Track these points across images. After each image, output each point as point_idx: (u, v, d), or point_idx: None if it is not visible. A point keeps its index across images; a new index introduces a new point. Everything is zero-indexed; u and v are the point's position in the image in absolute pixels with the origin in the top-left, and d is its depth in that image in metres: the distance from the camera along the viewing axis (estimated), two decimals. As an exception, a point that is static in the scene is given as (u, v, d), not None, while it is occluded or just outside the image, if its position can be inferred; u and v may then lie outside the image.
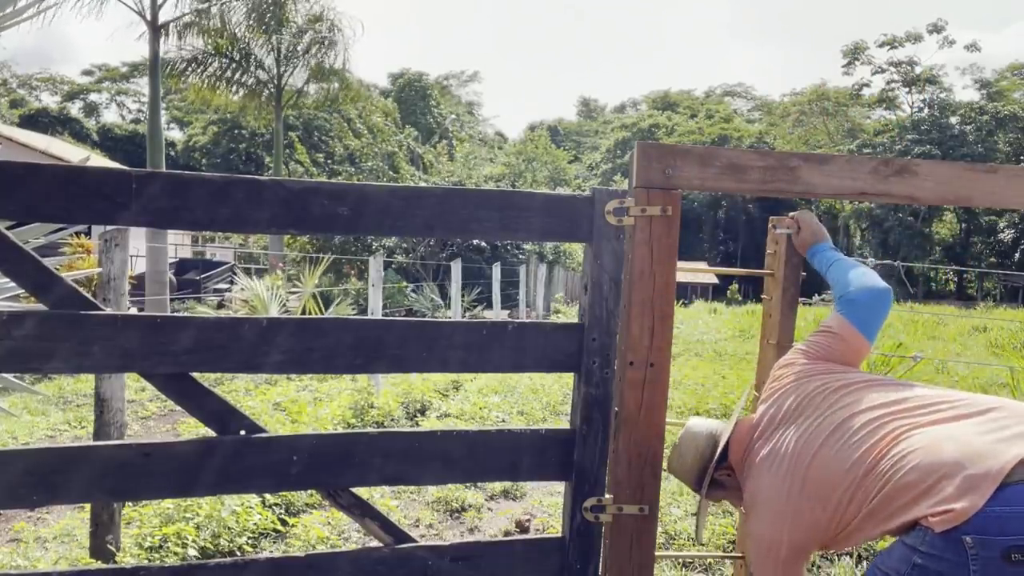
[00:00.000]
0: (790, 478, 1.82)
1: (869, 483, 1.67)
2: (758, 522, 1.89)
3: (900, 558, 1.59)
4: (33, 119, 38.91)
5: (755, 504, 1.91)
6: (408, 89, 40.54)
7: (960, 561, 1.46)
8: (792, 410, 1.93)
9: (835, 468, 1.74)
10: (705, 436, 2.11)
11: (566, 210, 2.14)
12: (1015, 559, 1.42)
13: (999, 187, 2.27)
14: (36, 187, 1.80)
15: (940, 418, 1.68)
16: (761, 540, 1.88)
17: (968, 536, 1.45)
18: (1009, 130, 37.75)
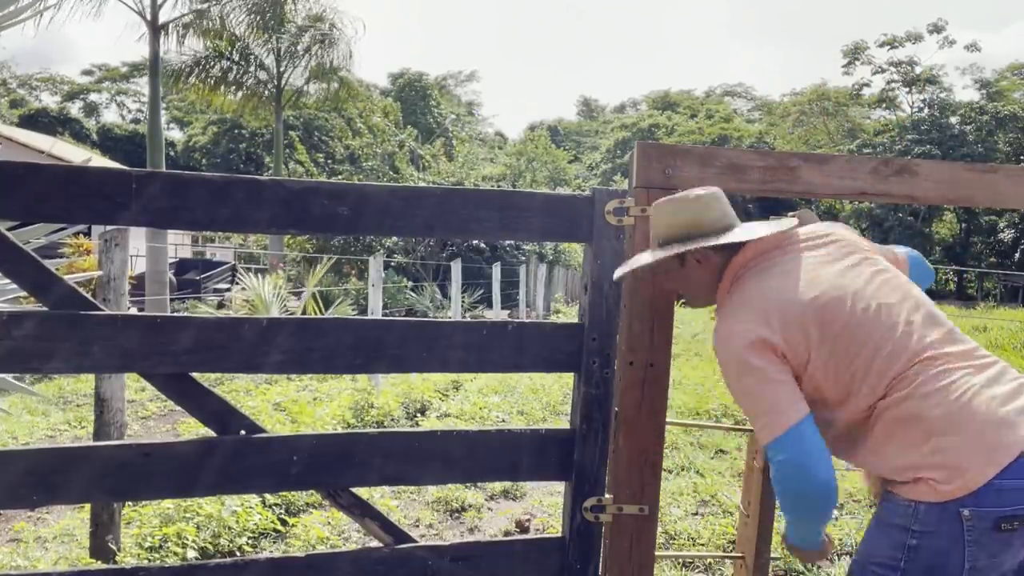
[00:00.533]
0: (810, 299, 1.66)
1: (895, 371, 1.59)
2: (733, 317, 1.73)
3: (892, 545, 1.58)
4: (33, 119, 38.90)
5: (742, 297, 1.75)
6: (408, 89, 40.54)
7: (956, 534, 1.49)
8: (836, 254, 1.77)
9: (873, 329, 1.63)
10: (723, 212, 1.85)
11: (566, 210, 2.14)
12: (1004, 528, 1.47)
13: (999, 187, 2.27)
14: (36, 187, 1.80)
15: (974, 365, 1.63)
16: (734, 335, 1.69)
17: (966, 509, 1.48)
18: (1009, 130, 37.72)
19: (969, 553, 1.50)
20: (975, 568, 1.51)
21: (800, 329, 1.65)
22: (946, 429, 1.53)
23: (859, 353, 1.63)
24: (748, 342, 1.66)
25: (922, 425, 1.56)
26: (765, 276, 1.76)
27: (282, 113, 22.60)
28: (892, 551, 1.58)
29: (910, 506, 1.56)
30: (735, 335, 1.69)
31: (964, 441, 1.52)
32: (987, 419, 1.53)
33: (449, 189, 2.10)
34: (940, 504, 1.51)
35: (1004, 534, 1.48)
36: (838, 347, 1.64)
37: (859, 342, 1.63)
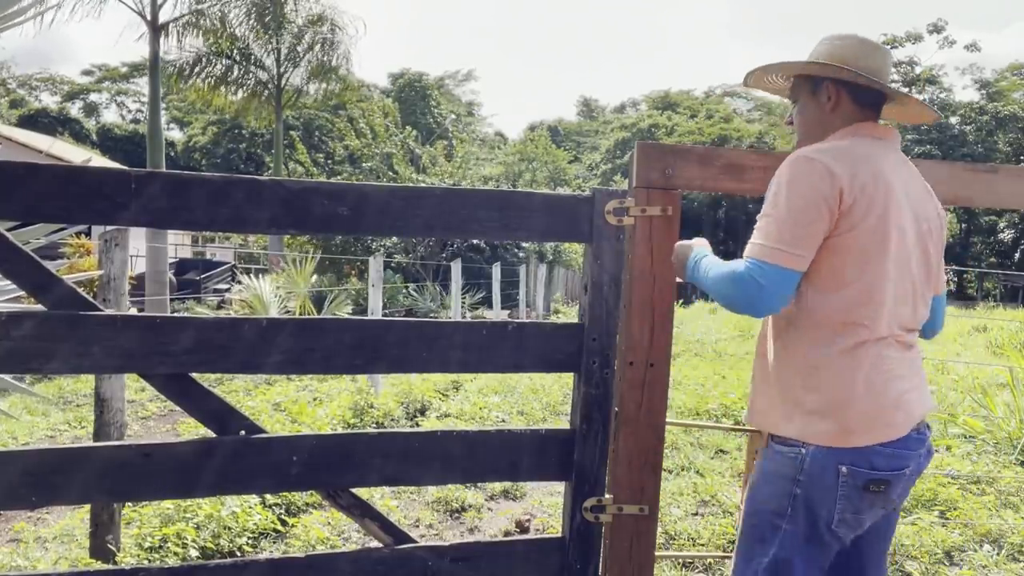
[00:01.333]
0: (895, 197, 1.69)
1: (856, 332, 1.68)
2: (817, 148, 1.72)
3: (780, 493, 1.71)
4: (33, 119, 38.88)
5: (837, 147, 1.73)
6: (408, 89, 40.52)
7: (832, 486, 1.65)
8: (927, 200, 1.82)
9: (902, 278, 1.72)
10: (880, 64, 1.82)
11: (566, 210, 2.14)
12: (872, 489, 1.65)
13: (999, 187, 2.27)
14: (36, 187, 1.80)
15: (909, 355, 1.77)
16: (807, 153, 1.70)
17: (844, 466, 1.64)
18: (1009, 130, 37.74)
19: (839, 506, 1.66)
20: (843, 520, 1.67)
21: (871, 198, 1.66)
22: (862, 395, 1.66)
23: (883, 276, 1.68)
24: (823, 169, 1.65)
25: (843, 375, 1.67)
26: (870, 145, 1.76)
27: (282, 113, 22.60)
28: (781, 499, 1.71)
29: (797, 455, 1.69)
30: (815, 160, 1.67)
31: (867, 411, 1.66)
32: (892, 401, 1.68)
33: (449, 189, 2.10)
34: (823, 454, 1.66)
35: (870, 494, 1.66)
36: (862, 245, 1.67)
37: (886, 271, 1.68)
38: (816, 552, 1.71)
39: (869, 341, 1.68)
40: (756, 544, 1.74)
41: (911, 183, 1.79)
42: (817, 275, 1.70)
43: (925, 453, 1.75)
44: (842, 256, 1.68)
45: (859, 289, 1.68)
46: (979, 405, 6.07)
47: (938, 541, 3.64)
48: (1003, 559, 3.52)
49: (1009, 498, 4.37)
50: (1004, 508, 4.19)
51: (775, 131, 44.46)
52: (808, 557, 1.70)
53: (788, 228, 1.65)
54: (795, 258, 1.65)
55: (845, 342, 1.68)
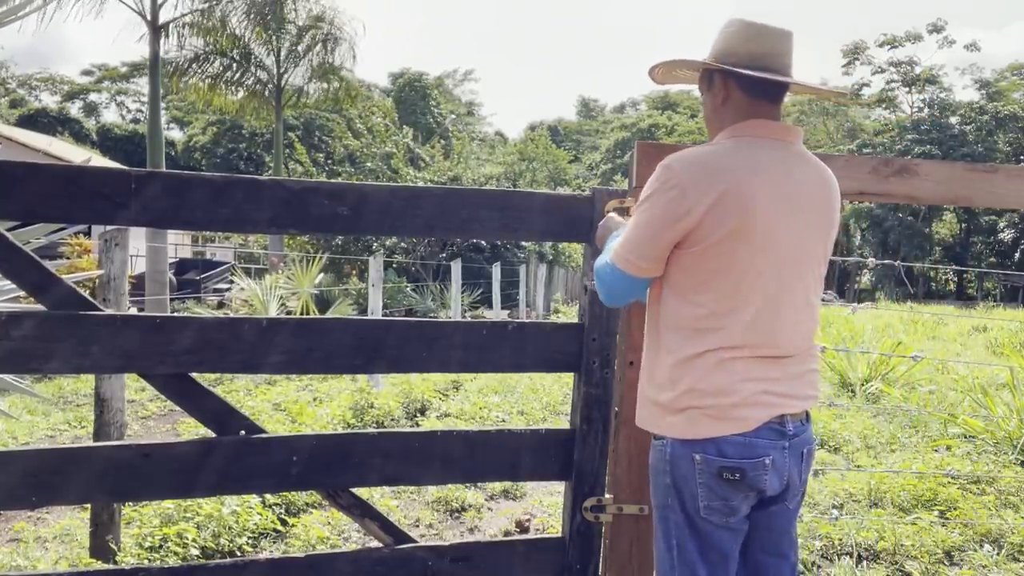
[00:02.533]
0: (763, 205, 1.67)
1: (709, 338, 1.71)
2: (691, 153, 1.73)
3: (661, 485, 1.79)
4: (33, 119, 38.87)
5: (712, 151, 1.72)
6: (408, 89, 40.54)
7: (691, 475, 1.73)
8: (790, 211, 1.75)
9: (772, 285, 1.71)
10: (774, 50, 1.77)
11: (566, 210, 2.14)
12: (727, 477, 1.71)
13: (999, 187, 2.27)
14: (36, 187, 1.80)
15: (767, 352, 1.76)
16: (677, 159, 1.71)
17: (697, 454, 1.72)
18: (1009, 130, 37.74)
19: (702, 494, 1.73)
20: (710, 507, 1.74)
21: (726, 214, 1.66)
22: (712, 387, 1.71)
23: (737, 289, 1.69)
24: (678, 187, 1.67)
25: (697, 372, 1.71)
26: (754, 147, 1.73)
27: (282, 113, 22.61)
28: (663, 493, 1.79)
29: (663, 447, 1.77)
30: (673, 176, 1.69)
31: (714, 408, 1.70)
32: (743, 399, 1.71)
33: (449, 189, 2.11)
34: (680, 444, 1.74)
35: (727, 484, 1.72)
36: (747, 259, 1.68)
37: (741, 286, 1.69)
38: (702, 538, 1.76)
39: (723, 348, 1.70)
40: (662, 535, 1.82)
41: (802, 187, 1.75)
42: (674, 281, 1.75)
43: (793, 446, 1.76)
44: (693, 268, 1.71)
45: (712, 299, 1.71)
46: (979, 405, 6.08)
47: (938, 541, 3.64)
48: (1003, 559, 3.52)
49: (1009, 498, 4.37)
50: (1004, 508, 4.19)
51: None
52: (699, 543, 1.77)
53: (639, 238, 1.73)
54: (640, 268, 1.75)
55: (697, 347, 1.72)
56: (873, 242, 38.10)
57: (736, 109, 1.78)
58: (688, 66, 1.87)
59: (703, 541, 1.77)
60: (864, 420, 6.15)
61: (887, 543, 3.59)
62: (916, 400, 6.78)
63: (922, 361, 7.36)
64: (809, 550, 3.58)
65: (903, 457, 5.09)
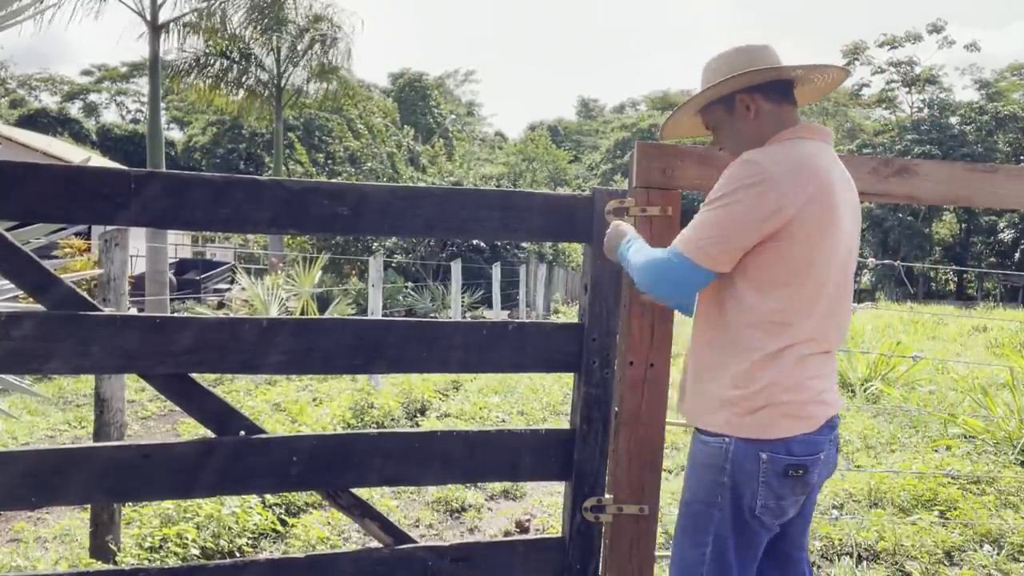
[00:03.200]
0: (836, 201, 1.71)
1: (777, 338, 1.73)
2: (767, 153, 1.72)
3: (710, 484, 1.77)
4: (32, 119, 38.84)
5: (786, 154, 1.72)
6: (408, 89, 40.53)
7: (754, 473, 1.72)
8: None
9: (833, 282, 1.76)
10: (774, 61, 1.83)
11: (566, 210, 2.14)
12: (791, 474, 1.72)
13: (999, 187, 2.27)
14: (36, 187, 1.80)
15: (830, 355, 1.83)
16: (755, 158, 1.71)
17: (764, 453, 1.71)
18: (1009, 130, 37.72)
19: (761, 492, 1.72)
20: (766, 506, 1.74)
21: (820, 215, 1.69)
22: (783, 388, 1.71)
23: (816, 284, 1.72)
24: (768, 181, 1.67)
25: (766, 371, 1.72)
26: (813, 152, 1.76)
27: (282, 113, 22.60)
28: (711, 489, 1.77)
29: (722, 444, 1.75)
30: (762, 169, 1.68)
31: (790, 400, 1.72)
32: (811, 398, 1.74)
33: (449, 189, 2.11)
34: (745, 443, 1.72)
35: (790, 479, 1.73)
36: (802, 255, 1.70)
37: (819, 280, 1.73)
38: (746, 537, 1.77)
39: (800, 343, 1.73)
40: (697, 530, 1.80)
41: (845, 185, 1.81)
42: (753, 276, 1.73)
43: (834, 439, 1.83)
44: (774, 263, 1.71)
45: (791, 294, 1.71)
46: (979, 405, 6.07)
47: (938, 541, 3.64)
48: (1003, 559, 3.52)
49: (1009, 498, 4.37)
50: (1004, 508, 4.19)
51: (775, 131, 44.43)
52: (740, 541, 1.77)
53: (724, 230, 1.69)
54: (718, 261, 1.71)
55: (779, 343, 1.72)
56: (873, 242, 38.09)
57: (771, 118, 1.82)
58: (702, 101, 1.87)
59: (747, 540, 1.77)
60: (864, 420, 6.15)
61: (887, 543, 3.59)
62: (916, 400, 6.78)
63: (922, 361, 7.36)
64: (809, 550, 3.58)
65: (903, 457, 5.09)
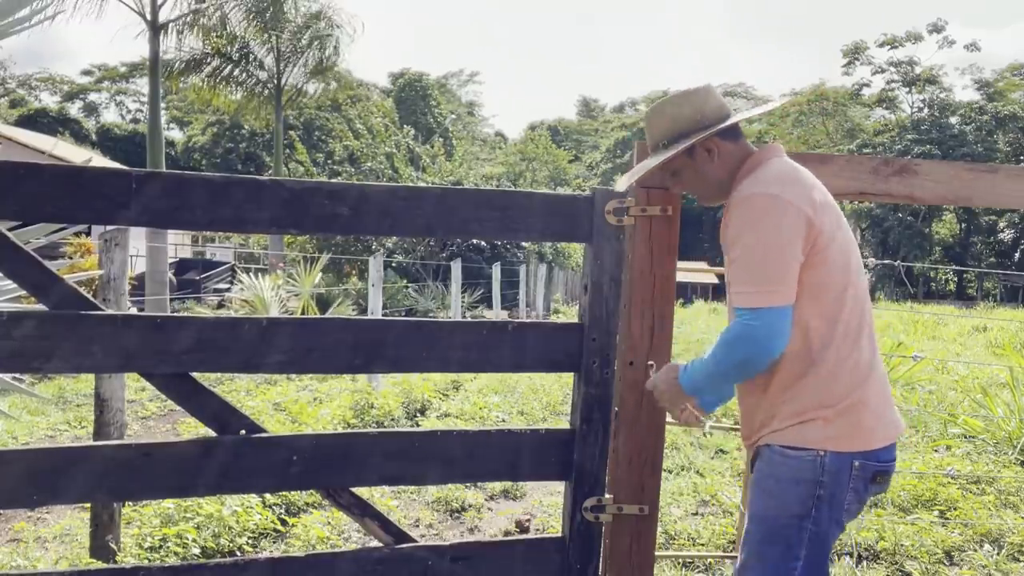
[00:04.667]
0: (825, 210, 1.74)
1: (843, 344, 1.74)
2: (769, 184, 1.72)
3: (803, 496, 1.74)
4: (32, 119, 38.84)
5: (777, 177, 1.74)
6: (408, 89, 40.55)
7: (845, 482, 1.73)
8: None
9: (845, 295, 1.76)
10: (720, 104, 1.85)
11: (566, 210, 2.14)
12: (878, 480, 1.77)
13: (999, 187, 2.27)
14: (36, 187, 1.80)
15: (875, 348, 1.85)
16: (769, 197, 1.70)
17: (857, 460, 1.73)
18: (1009, 130, 37.75)
19: (848, 499, 1.75)
20: (848, 512, 1.78)
21: (832, 214, 1.75)
22: (869, 398, 1.74)
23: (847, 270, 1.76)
24: (788, 204, 1.69)
25: (852, 384, 1.73)
26: (793, 164, 1.81)
27: (282, 113, 22.61)
28: (803, 503, 1.74)
29: (816, 459, 1.73)
30: (775, 197, 1.69)
31: (876, 410, 1.75)
32: (888, 398, 1.81)
33: (449, 189, 2.10)
34: (839, 455, 1.72)
35: (873, 486, 1.77)
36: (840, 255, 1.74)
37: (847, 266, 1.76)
38: (829, 542, 1.79)
39: (863, 351, 1.76)
40: (781, 549, 1.75)
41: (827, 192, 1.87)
42: (813, 294, 1.72)
43: None
44: (824, 276, 1.72)
45: (847, 301, 1.75)
46: (979, 405, 6.08)
47: (938, 541, 3.64)
48: (1003, 559, 3.52)
49: (1009, 498, 4.37)
50: (1004, 508, 4.20)
51: (775, 131, 44.48)
52: (824, 548, 1.78)
53: (767, 267, 1.68)
54: (788, 295, 1.69)
55: (852, 354, 1.74)
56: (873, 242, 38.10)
57: (732, 156, 1.87)
58: (667, 163, 1.88)
59: (828, 545, 1.79)
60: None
61: (887, 543, 3.59)
62: (916, 400, 6.78)
63: (922, 361, 7.36)
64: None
65: (903, 457, 5.09)
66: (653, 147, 1.91)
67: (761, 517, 1.80)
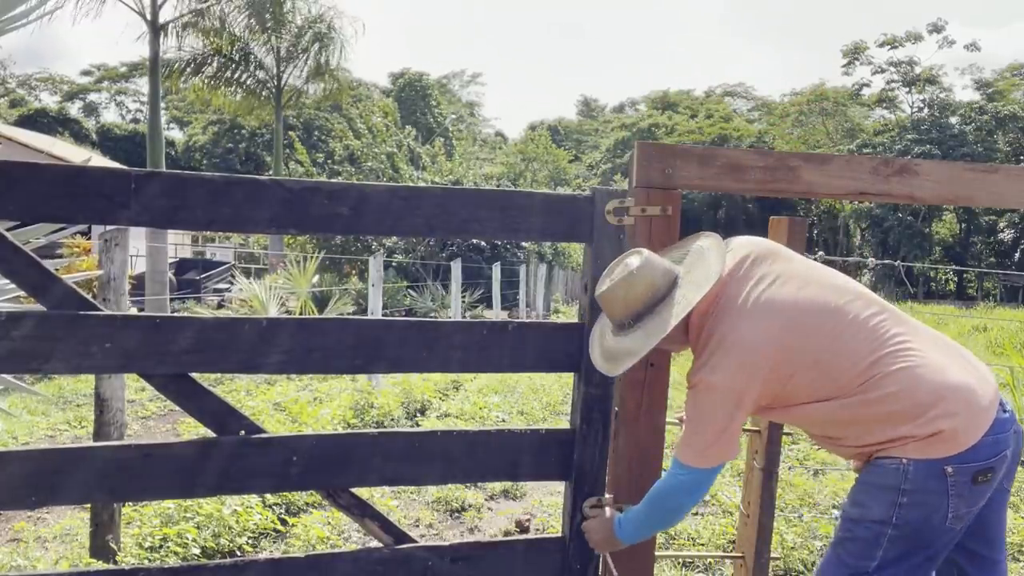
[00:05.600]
0: (785, 332, 1.76)
1: (874, 372, 1.73)
2: (718, 370, 1.77)
3: (885, 504, 1.72)
4: (32, 119, 38.80)
5: (723, 349, 1.79)
6: (408, 89, 40.55)
7: (941, 489, 1.68)
8: (779, 277, 1.85)
9: (838, 340, 1.76)
10: (663, 270, 1.88)
11: (566, 210, 2.14)
12: (980, 480, 1.69)
13: (999, 187, 2.27)
14: (36, 187, 1.80)
15: (926, 340, 1.80)
16: (716, 388, 1.77)
17: (950, 466, 1.67)
18: (1009, 130, 37.71)
19: (952, 505, 1.69)
20: (957, 516, 1.71)
21: (780, 362, 1.77)
22: (934, 402, 1.69)
23: (836, 358, 1.76)
24: (734, 397, 1.77)
25: (910, 403, 1.70)
26: (736, 318, 1.81)
27: (282, 113, 22.60)
28: (886, 511, 1.72)
29: (900, 467, 1.71)
30: (724, 389, 1.78)
31: (950, 410, 1.68)
32: (961, 388, 1.71)
33: (449, 189, 2.10)
34: (926, 463, 1.68)
35: (980, 486, 1.70)
36: (817, 360, 1.76)
37: (830, 351, 1.76)
38: (926, 551, 1.75)
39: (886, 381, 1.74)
40: (867, 546, 1.77)
41: (757, 265, 1.88)
42: (809, 405, 1.79)
43: (1017, 431, 1.80)
44: (807, 385, 1.78)
45: (840, 379, 1.76)
46: (979, 405, 6.05)
47: (938, 541, 3.63)
48: (1003, 559, 3.51)
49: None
50: (1004, 508, 4.19)
51: (775, 131, 44.46)
52: (914, 560, 1.75)
53: (724, 434, 1.79)
54: (729, 454, 1.82)
55: (879, 397, 1.73)
56: (873, 242, 38.08)
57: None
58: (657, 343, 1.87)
59: (928, 556, 1.75)
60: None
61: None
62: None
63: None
64: (809, 550, 3.58)
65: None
66: (614, 323, 1.91)
67: (847, 516, 1.84)
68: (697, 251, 1.93)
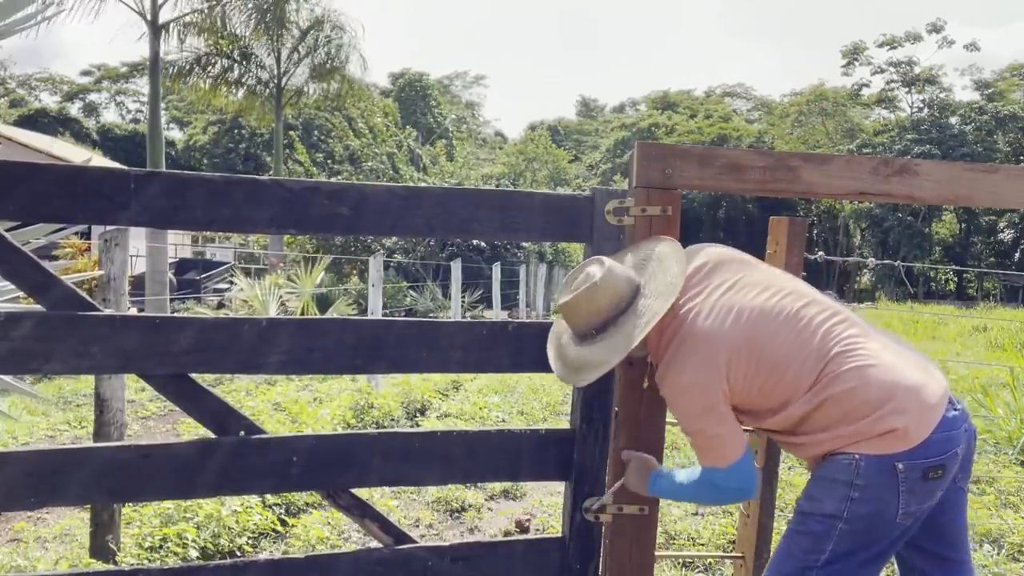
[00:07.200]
0: (744, 333, 1.80)
1: (827, 371, 1.76)
2: (686, 370, 1.81)
3: (836, 498, 1.75)
4: (33, 119, 38.80)
5: (686, 348, 1.82)
6: (408, 89, 40.57)
7: (892, 485, 1.71)
8: (732, 285, 1.89)
9: (792, 345, 1.79)
10: (626, 280, 1.89)
11: (566, 210, 2.14)
12: (931, 477, 1.72)
13: (999, 187, 2.27)
14: (36, 187, 1.80)
15: (875, 341, 1.84)
16: (688, 388, 1.81)
17: (901, 462, 1.70)
18: (1009, 130, 37.73)
19: (903, 501, 1.72)
20: (907, 513, 1.73)
21: (739, 362, 1.80)
22: (885, 400, 1.72)
23: (790, 361, 1.79)
24: (707, 393, 1.79)
25: (861, 401, 1.73)
26: (696, 320, 1.84)
27: (282, 113, 22.60)
28: (837, 505, 1.75)
29: (852, 462, 1.73)
30: (694, 387, 1.81)
31: (901, 408, 1.71)
32: (912, 387, 1.74)
33: (449, 189, 2.10)
34: (877, 459, 1.71)
35: (931, 482, 1.73)
36: (774, 363, 1.79)
37: (784, 355, 1.79)
38: (875, 547, 1.77)
39: (836, 382, 1.77)
40: (811, 544, 1.80)
41: (714, 273, 1.93)
42: (763, 411, 1.83)
43: (969, 429, 1.82)
44: (759, 391, 1.81)
45: (792, 383, 1.79)
46: (979, 405, 6.07)
47: (938, 541, 3.63)
48: (1003, 559, 3.52)
49: (1009, 498, 4.37)
50: (1004, 508, 4.19)
51: (774, 131, 44.46)
52: (864, 554, 1.77)
53: (722, 436, 1.81)
54: (740, 445, 1.82)
55: (829, 399, 1.76)
56: (873, 242, 38.10)
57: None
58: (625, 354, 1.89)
59: (875, 552, 1.77)
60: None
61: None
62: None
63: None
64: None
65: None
66: (578, 334, 1.92)
67: (799, 510, 1.87)
68: (657, 258, 1.94)
